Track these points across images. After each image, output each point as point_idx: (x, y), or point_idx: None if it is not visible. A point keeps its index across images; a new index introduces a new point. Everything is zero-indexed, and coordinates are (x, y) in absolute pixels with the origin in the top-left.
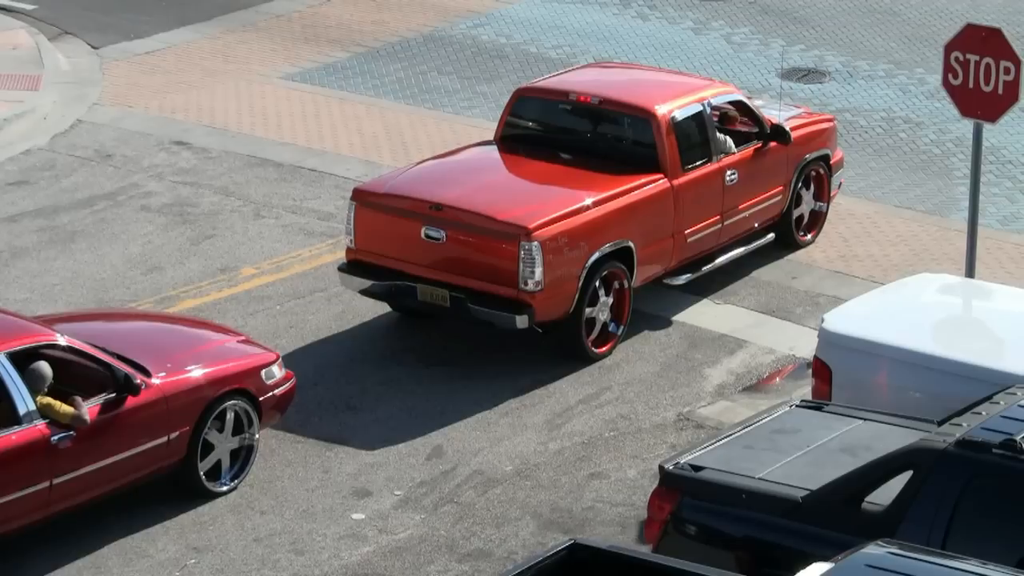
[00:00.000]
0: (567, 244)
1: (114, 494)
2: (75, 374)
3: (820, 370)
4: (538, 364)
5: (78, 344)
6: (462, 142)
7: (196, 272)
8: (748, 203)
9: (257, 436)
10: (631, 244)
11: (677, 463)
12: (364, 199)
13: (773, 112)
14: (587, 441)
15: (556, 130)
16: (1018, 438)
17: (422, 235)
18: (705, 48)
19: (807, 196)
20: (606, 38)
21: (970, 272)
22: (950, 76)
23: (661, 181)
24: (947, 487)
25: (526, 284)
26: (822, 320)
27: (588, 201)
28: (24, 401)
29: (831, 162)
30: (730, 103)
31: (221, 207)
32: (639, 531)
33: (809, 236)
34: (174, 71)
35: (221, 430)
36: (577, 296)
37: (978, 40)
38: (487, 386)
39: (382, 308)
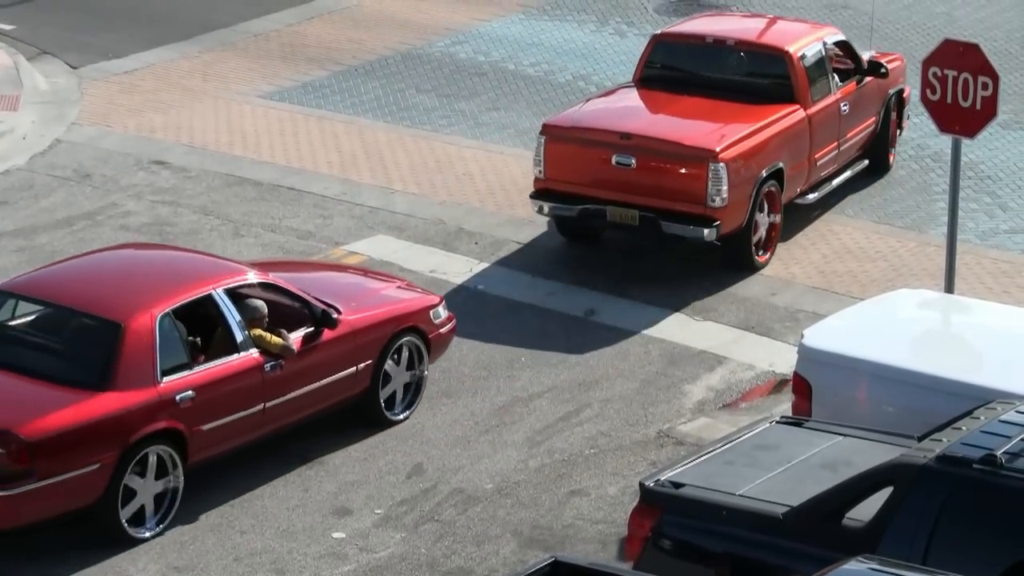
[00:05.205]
0: (743, 165)
1: (311, 419)
2: (273, 311)
3: (800, 386)
4: (518, 381)
5: (282, 283)
6: (441, 160)
7: None
8: (854, 131)
9: (426, 371)
10: (783, 165)
11: (657, 480)
12: (554, 133)
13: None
14: (567, 459)
15: (695, 70)
16: (998, 453)
17: (612, 162)
18: None
19: (893, 125)
20: (584, 55)
21: (949, 287)
22: (928, 91)
23: (799, 111)
24: (927, 503)
25: (713, 201)
26: (802, 336)
27: (753, 127)
28: (240, 332)
29: (904, 95)
30: (835, 43)
31: (200, 226)
32: (620, 548)
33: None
34: (153, 90)
35: (396, 364)
36: (749, 211)
37: (956, 55)
38: (467, 404)
39: None
